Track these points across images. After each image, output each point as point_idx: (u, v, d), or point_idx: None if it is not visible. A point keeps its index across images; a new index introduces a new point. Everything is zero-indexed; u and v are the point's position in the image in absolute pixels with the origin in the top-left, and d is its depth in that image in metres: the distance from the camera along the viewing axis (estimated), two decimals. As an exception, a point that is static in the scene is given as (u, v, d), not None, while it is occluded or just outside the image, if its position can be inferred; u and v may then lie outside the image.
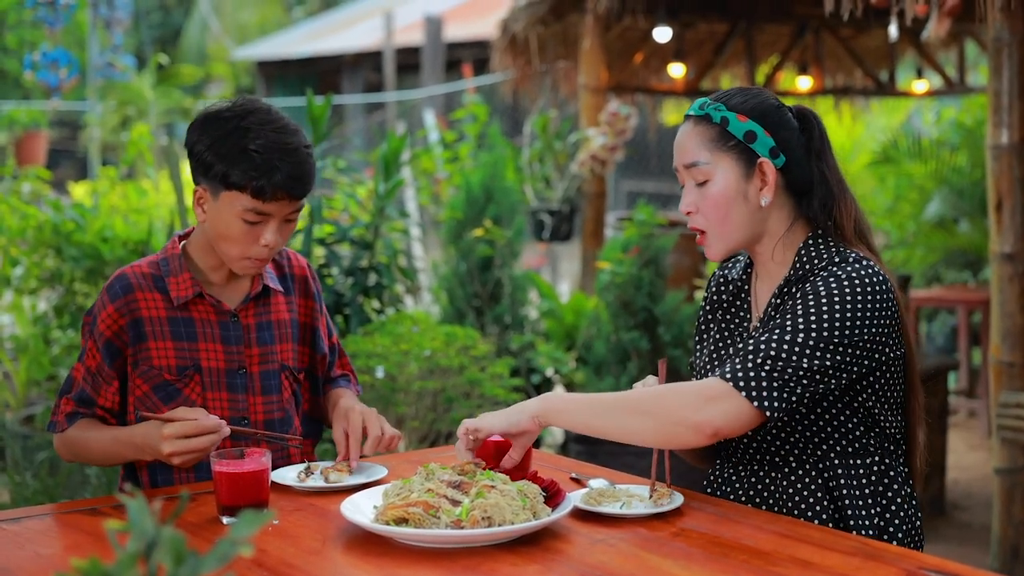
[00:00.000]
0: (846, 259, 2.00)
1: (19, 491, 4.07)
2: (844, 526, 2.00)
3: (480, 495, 1.81)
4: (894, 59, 7.18)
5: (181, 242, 2.31)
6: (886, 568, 1.68)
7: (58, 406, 2.28)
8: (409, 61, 12.48)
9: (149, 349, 2.23)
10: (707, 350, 2.19)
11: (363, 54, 13.87)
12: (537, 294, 5.67)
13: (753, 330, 2.11)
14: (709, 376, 2.08)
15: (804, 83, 6.90)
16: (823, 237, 2.06)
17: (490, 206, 5.36)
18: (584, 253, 6.21)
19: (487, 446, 2.04)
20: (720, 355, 2.15)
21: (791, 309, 1.96)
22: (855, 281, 1.95)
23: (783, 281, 2.05)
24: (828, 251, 2.03)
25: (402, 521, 1.79)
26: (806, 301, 1.95)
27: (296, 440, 2.32)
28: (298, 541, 1.83)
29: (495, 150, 5.69)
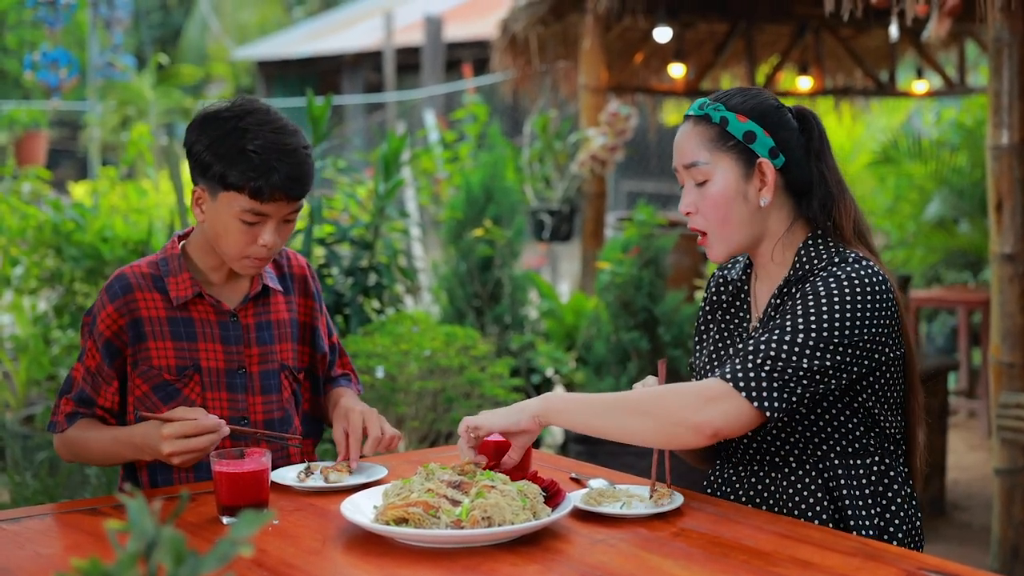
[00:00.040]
0: (846, 259, 2.00)
1: (19, 491, 4.07)
2: (844, 526, 2.00)
3: (480, 495, 1.81)
4: (894, 59, 7.18)
5: (180, 242, 2.31)
6: (886, 568, 1.68)
7: (58, 406, 2.28)
8: (409, 61, 12.48)
9: (148, 349, 2.23)
10: (707, 350, 2.19)
11: (363, 54, 13.87)
12: (537, 294, 5.66)
13: (753, 330, 2.11)
14: (709, 376, 2.08)
15: (804, 83, 6.90)
16: (823, 237, 2.06)
17: (490, 206, 5.36)
18: (584, 253, 6.21)
19: (487, 446, 2.04)
20: (720, 355, 2.15)
21: (791, 309, 1.96)
22: (855, 281, 1.95)
23: (783, 281, 2.05)
24: (828, 251, 2.03)
25: (402, 521, 1.79)
26: (806, 301, 1.95)
27: (296, 440, 2.32)
28: (298, 541, 1.83)
29: (495, 150, 5.69)
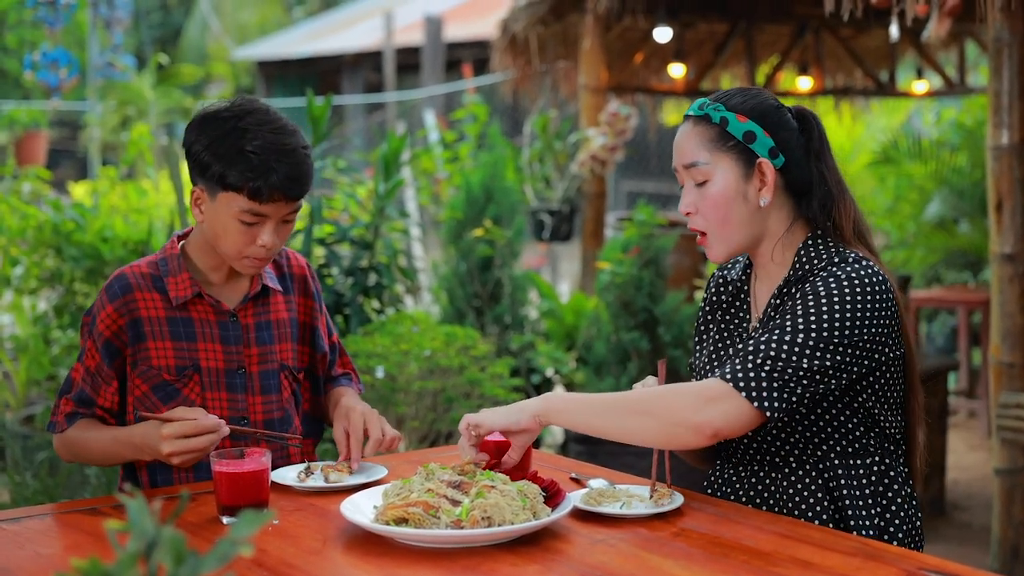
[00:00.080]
0: (845, 259, 2.00)
1: (19, 491, 4.07)
2: (844, 526, 2.00)
3: (480, 495, 1.80)
4: (894, 59, 7.18)
5: (180, 242, 2.31)
6: (886, 568, 1.68)
7: (57, 406, 2.28)
8: (409, 61, 12.48)
9: (148, 349, 2.23)
10: (707, 351, 2.19)
11: (363, 54, 13.87)
12: (537, 294, 5.66)
13: (752, 331, 2.11)
14: (709, 377, 2.08)
15: (804, 83, 6.90)
16: (822, 238, 2.06)
17: (490, 206, 5.36)
18: (584, 253, 6.21)
19: (487, 445, 2.04)
20: (720, 356, 2.15)
21: (791, 309, 1.96)
22: (855, 281, 1.95)
23: (783, 282, 2.05)
24: (827, 251, 2.03)
25: (402, 521, 1.79)
26: (806, 301, 1.95)
27: (296, 440, 2.32)
28: (298, 541, 1.83)
29: (495, 150, 5.69)
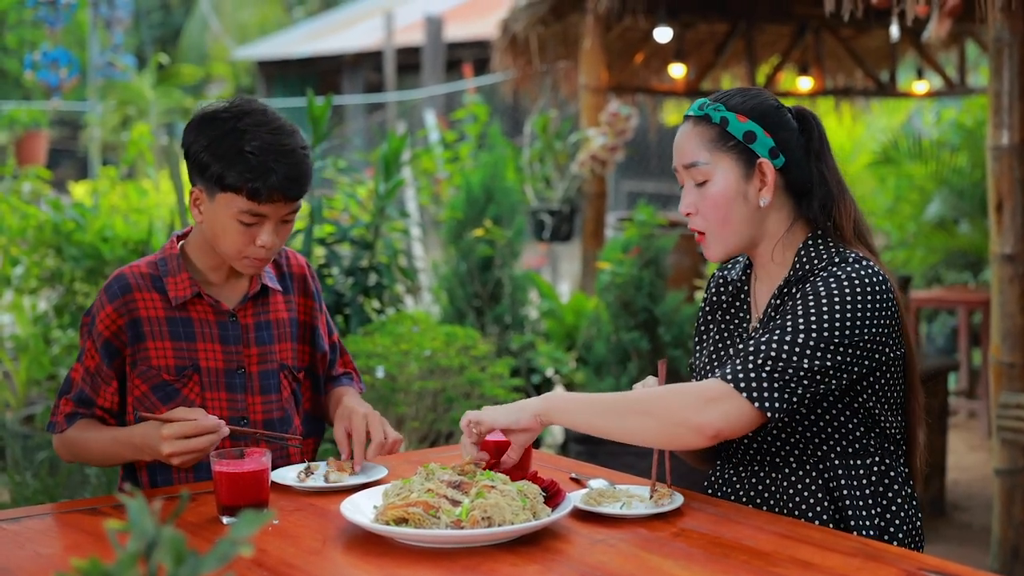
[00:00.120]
0: (846, 259, 2.00)
1: (19, 491, 4.07)
2: (844, 527, 2.00)
3: (480, 495, 1.80)
4: (895, 60, 7.18)
5: (179, 242, 2.31)
6: (886, 569, 1.68)
7: (57, 407, 2.28)
8: (409, 61, 12.48)
9: (148, 349, 2.23)
10: (707, 351, 2.19)
11: (363, 54, 13.87)
12: (537, 294, 5.66)
13: (753, 331, 2.11)
14: (709, 377, 2.08)
15: (804, 84, 6.90)
16: (823, 238, 2.06)
17: (490, 206, 5.36)
18: (584, 253, 6.21)
19: (487, 445, 2.04)
20: (720, 356, 2.15)
21: (791, 309, 1.96)
22: (855, 281, 1.95)
23: (783, 282, 2.05)
24: (828, 251, 2.03)
25: (402, 521, 1.79)
26: (806, 301, 1.95)
27: (296, 440, 2.32)
28: (298, 541, 1.83)
29: (495, 150, 5.69)
